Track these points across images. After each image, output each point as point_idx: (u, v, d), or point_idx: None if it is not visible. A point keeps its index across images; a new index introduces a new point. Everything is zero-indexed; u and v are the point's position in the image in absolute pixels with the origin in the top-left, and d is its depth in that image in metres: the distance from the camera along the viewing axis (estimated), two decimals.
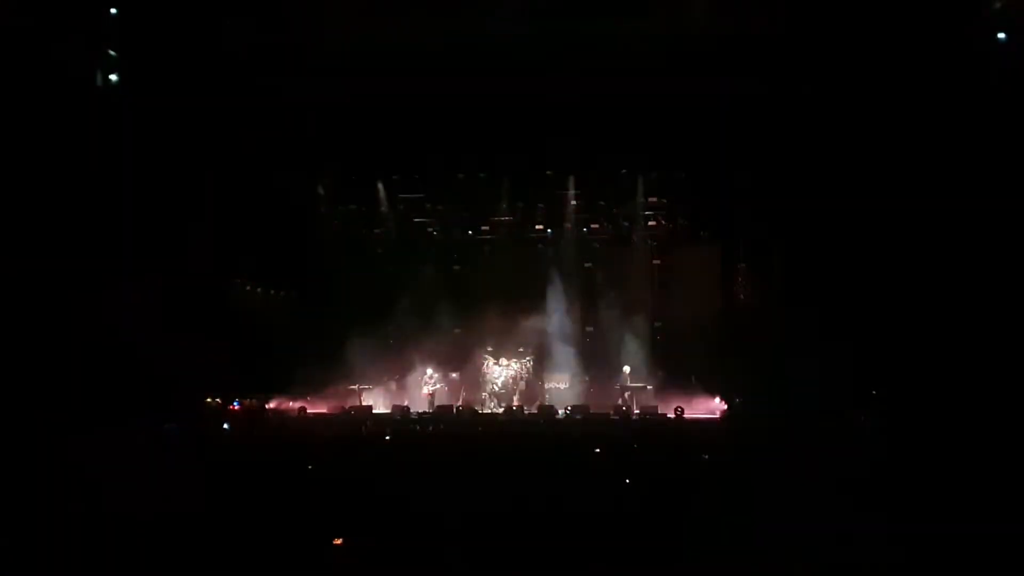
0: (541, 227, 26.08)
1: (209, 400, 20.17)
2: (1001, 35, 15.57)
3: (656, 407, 21.76)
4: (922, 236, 16.82)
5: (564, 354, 24.26)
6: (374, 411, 21.94)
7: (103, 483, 7.68)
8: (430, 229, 26.46)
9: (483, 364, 23.53)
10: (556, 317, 23.76)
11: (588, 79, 21.13)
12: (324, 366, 23.86)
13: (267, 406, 21.54)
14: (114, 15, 18.04)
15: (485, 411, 22.44)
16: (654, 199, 25.28)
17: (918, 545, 5.72)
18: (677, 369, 23.16)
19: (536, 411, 21.84)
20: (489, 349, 23.69)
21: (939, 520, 6.35)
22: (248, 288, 23.05)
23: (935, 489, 7.86)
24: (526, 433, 17.41)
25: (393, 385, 23.52)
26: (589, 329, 25.31)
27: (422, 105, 21.90)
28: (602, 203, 25.69)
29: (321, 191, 25.55)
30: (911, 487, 8.27)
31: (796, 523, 6.02)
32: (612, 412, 21.22)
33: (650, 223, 25.46)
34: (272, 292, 24.03)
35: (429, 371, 22.93)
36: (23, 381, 15.21)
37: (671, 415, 20.51)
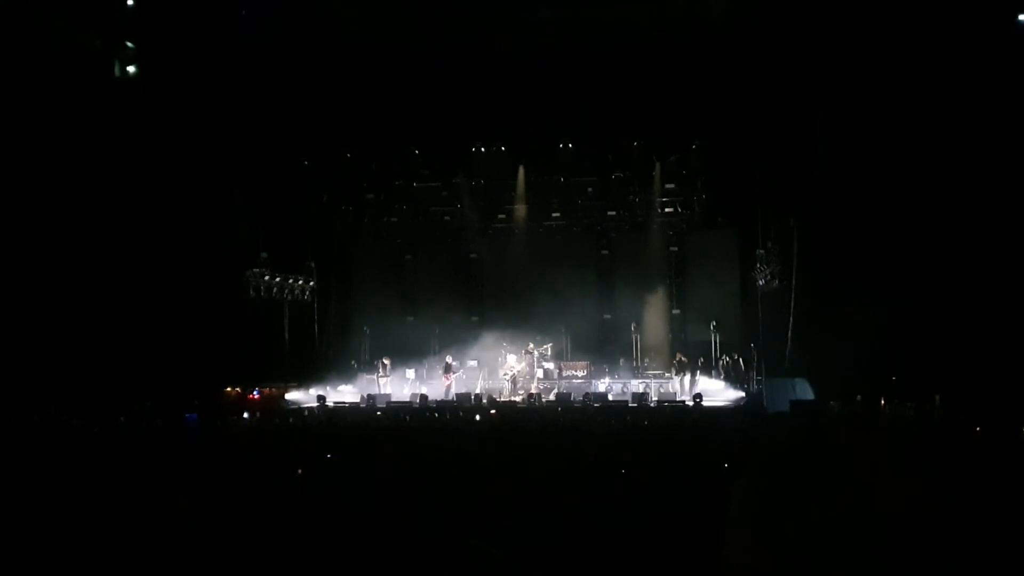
0: (558, 214, 25.99)
1: (228, 389, 20.30)
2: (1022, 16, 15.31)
3: (675, 394, 21.73)
4: (929, 227, 16.56)
5: (582, 341, 24.22)
6: (393, 399, 21.99)
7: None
8: (447, 217, 26.46)
9: (501, 352, 23.48)
10: (573, 304, 23.67)
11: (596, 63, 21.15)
12: (343, 354, 23.99)
13: (286, 395, 21.64)
14: (131, 6, 18.15)
15: (503, 399, 22.41)
16: (671, 185, 25.13)
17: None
18: (696, 356, 23.09)
19: (553, 398, 21.81)
20: (507, 337, 23.65)
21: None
22: (267, 277, 23.15)
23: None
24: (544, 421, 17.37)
25: (411, 373, 23.55)
26: (607, 317, 25.25)
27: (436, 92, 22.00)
28: (619, 189, 25.57)
29: (340, 180, 25.57)
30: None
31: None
32: (630, 399, 21.15)
33: (667, 210, 25.32)
34: (291, 281, 24.12)
35: (448, 359, 22.94)
36: (37, 374, 15.41)
37: (690, 402, 20.42)
